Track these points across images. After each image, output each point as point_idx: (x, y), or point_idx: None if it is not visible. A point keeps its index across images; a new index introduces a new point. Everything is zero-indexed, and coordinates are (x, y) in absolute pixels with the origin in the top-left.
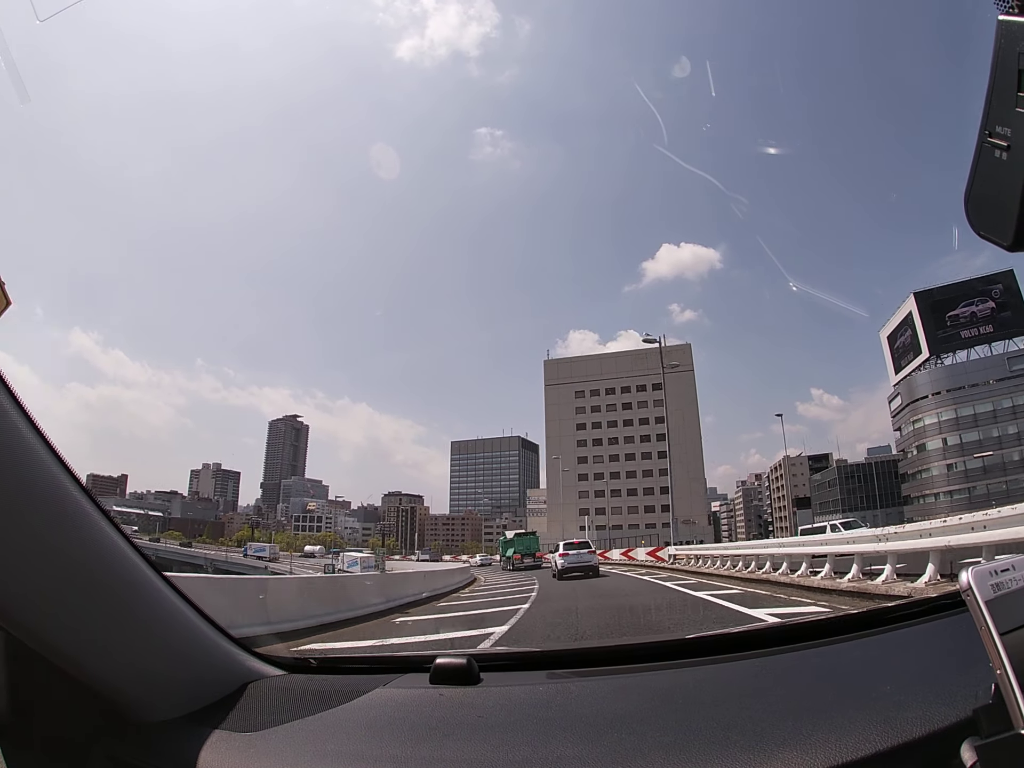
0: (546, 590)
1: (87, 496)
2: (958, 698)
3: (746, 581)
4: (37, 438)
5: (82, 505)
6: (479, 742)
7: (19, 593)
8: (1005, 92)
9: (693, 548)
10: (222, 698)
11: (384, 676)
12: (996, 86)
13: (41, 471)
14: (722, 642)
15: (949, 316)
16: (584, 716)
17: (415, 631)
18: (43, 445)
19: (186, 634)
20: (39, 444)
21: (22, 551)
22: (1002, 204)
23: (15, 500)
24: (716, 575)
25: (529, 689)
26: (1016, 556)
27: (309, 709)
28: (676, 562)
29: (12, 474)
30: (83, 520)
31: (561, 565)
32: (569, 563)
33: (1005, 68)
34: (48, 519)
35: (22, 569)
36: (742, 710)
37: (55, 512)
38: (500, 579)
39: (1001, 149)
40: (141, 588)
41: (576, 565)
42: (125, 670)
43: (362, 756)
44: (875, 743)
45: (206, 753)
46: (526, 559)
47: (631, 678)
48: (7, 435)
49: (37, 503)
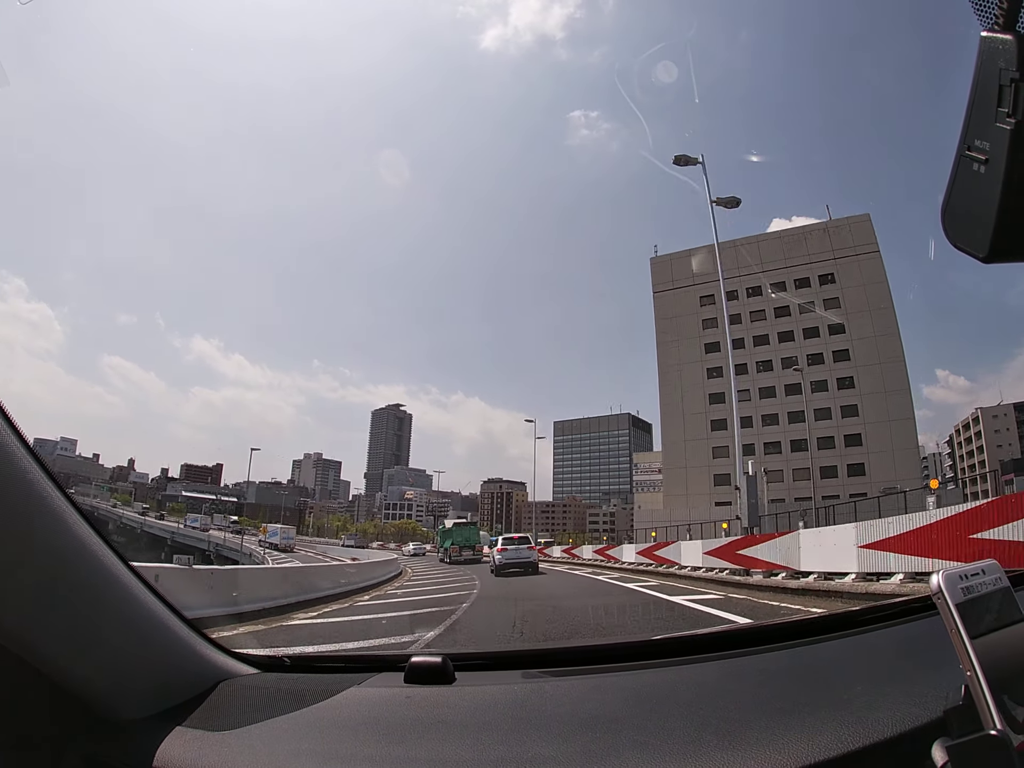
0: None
1: (58, 488)
2: (929, 699)
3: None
4: (7, 427)
5: (51, 497)
6: (453, 741)
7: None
8: (985, 107)
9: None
10: (195, 696)
11: (359, 675)
12: (976, 101)
13: (7, 460)
14: (697, 642)
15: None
16: (558, 715)
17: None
18: (13, 434)
19: (159, 631)
20: (8, 433)
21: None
22: (979, 217)
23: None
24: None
25: (504, 688)
26: (986, 560)
27: (283, 708)
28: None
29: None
30: (52, 513)
31: (499, 561)
32: (507, 559)
33: (986, 83)
34: (15, 511)
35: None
36: (716, 710)
37: (22, 504)
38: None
39: (979, 163)
40: (113, 584)
41: (515, 561)
42: (97, 668)
43: (336, 755)
44: (847, 743)
45: (179, 751)
46: (464, 551)
47: (605, 678)
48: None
49: (3, 494)
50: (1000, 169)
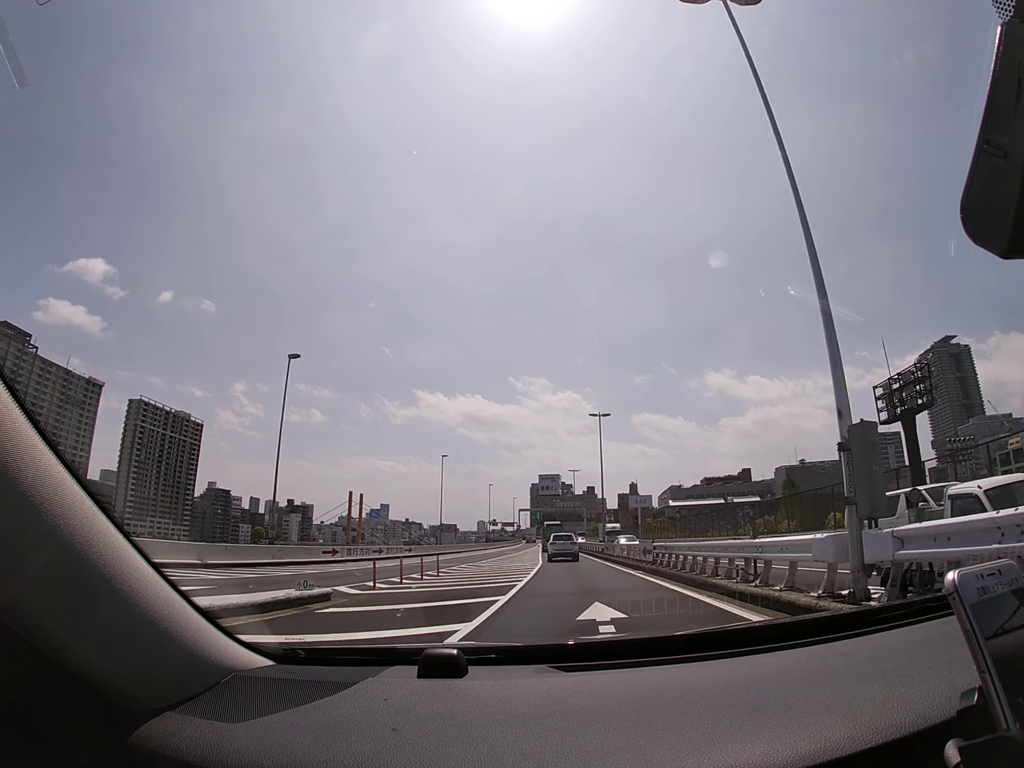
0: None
1: (73, 476)
2: (942, 700)
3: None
4: (34, 429)
5: (74, 492)
6: (464, 734)
7: (7, 579)
8: (1003, 100)
9: None
10: (211, 687)
11: (373, 668)
12: (995, 93)
13: (28, 457)
14: (713, 640)
15: None
16: (571, 710)
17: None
18: (38, 435)
19: (176, 623)
20: (33, 434)
21: (11, 538)
22: (998, 212)
23: (2, 485)
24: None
25: (517, 683)
26: (1003, 561)
27: (297, 700)
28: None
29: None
30: (71, 506)
31: (551, 550)
32: (556, 549)
33: (1004, 76)
34: (38, 505)
35: (11, 555)
36: (728, 708)
37: (45, 500)
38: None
39: (998, 157)
40: (132, 577)
41: (561, 551)
42: (115, 659)
43: (349, 748)
44: (860, 742)
45: (195, 743)
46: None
47: (619, 674)
48: (6, 427)
49: (28, 489)
50: (1020, 163)
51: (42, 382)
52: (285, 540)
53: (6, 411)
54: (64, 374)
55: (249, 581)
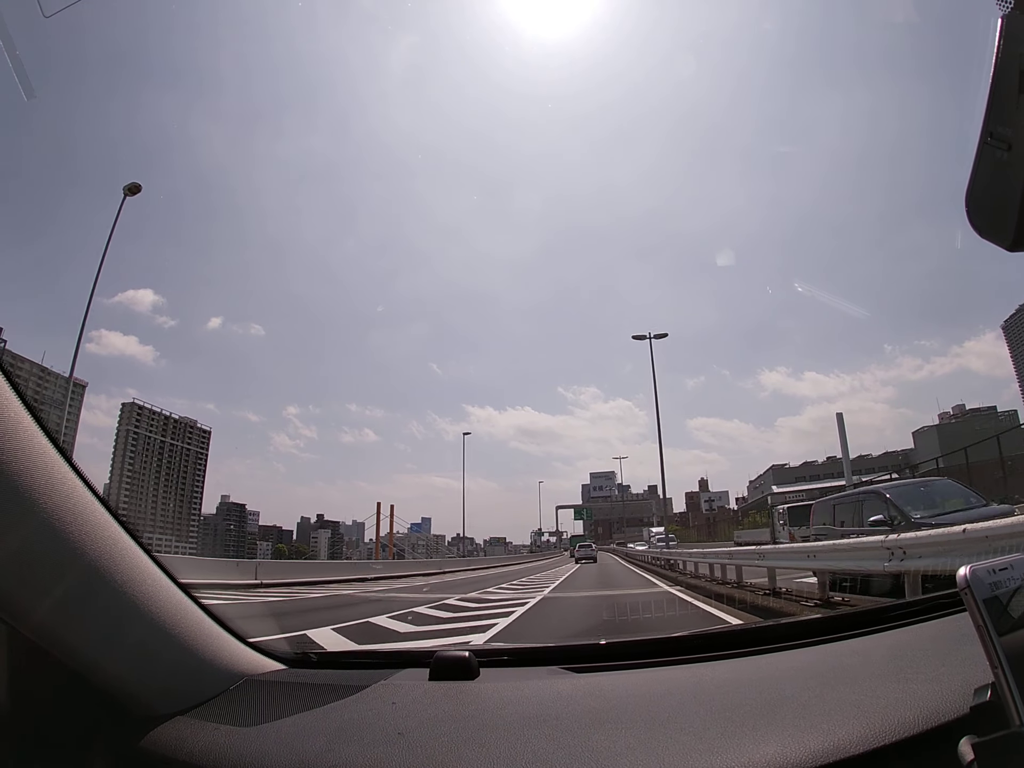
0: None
1: (86, 484)
2: (955, 697)
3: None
4: (41, 432)
5: (84, 497)
6: (476, 736)
7: (23, 586)
8: (1006, 93)
9: None
10: (223, 692)
11: (384, 671)
12: (997, 86)
13: (41, 462)
14: (724, 640)
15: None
16: (584, 712)
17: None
18: (47, 439)
19: (188, 628)
20: (43, 437)
21: (26, 544)
22: (1002, 205)
23: (17, 492)
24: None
25: (528, 685)
26: (1015, 555)
27: (309, 704)
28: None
29: (13, 464)
30: (84, 511)
31: (577, 554)
32: (580, 554)
33: (1006, 68)
34: (51, 511)
35: (26, 562)
36: (741, 708)
37: (57, 504)
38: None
39: (1002, 150)
40: (144, 580)
41: (584, 555)
42: (127, 662)
43: (361, 751)
44: (873, 741)
45: (208, 747)
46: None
47: (631, 675)
48: (14, 432)
49: (41, 496)
50: (1023, 156)
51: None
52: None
53: (18, 420)
54: (40, 371)
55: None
